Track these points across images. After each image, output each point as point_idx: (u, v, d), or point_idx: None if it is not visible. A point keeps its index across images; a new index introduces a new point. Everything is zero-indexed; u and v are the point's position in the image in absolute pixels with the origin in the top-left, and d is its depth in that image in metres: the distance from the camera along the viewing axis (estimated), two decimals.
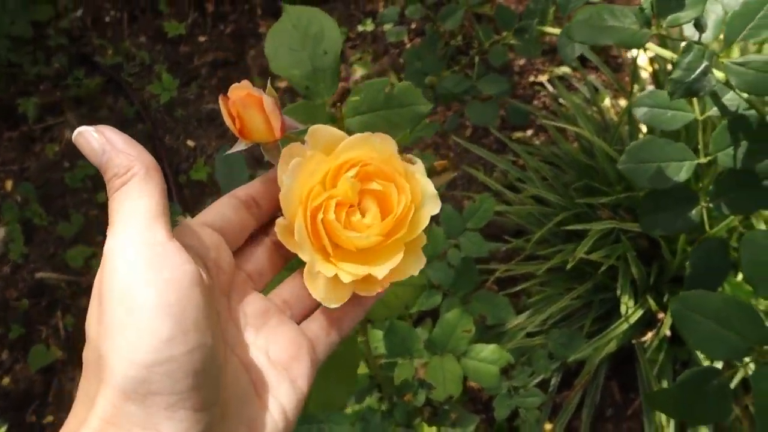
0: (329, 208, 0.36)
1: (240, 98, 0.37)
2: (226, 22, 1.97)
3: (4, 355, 1.50)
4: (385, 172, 0.36)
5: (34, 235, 1.65)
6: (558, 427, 1.16)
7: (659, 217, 0.54)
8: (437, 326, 0.94)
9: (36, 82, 1.88)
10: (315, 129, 0.38)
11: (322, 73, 0.50)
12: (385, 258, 0.36)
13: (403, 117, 0.52)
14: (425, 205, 0.37)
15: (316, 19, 0.51)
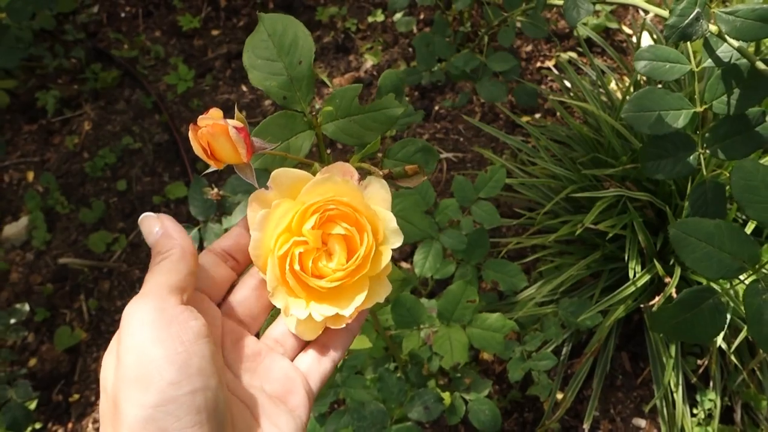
0: (294, 259, 0.40)
1: (208, 128, 0.41)
2: (238, 16, 2.01)
3: (30, 338, 1.55)
4: (348, 214, 0.40)
5: (57, 223, 1.70)
6: (569, 394, 1.19)
7: (660, 163, 0.57)
8: (442, 297, 0.98)
9: (54, 75, 1.93)
10: (277, 174, 0.41)
11: (298, 83, 0.52)
12: (352, 294, 0.40)
13: (376, 120, 0.55)
14: (388, 240, 0.41)
15: (290, 28, 0.53)
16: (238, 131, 0.41)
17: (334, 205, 0.40)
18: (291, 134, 0.54)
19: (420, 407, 0.90)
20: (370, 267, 0.40)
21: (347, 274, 0.40)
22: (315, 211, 0.40)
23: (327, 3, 1.97)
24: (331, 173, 0.42)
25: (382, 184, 0.43)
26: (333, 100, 0.55)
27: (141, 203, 1.70)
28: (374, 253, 0.40)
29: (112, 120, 1.85)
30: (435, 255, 0.97)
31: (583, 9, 0.63)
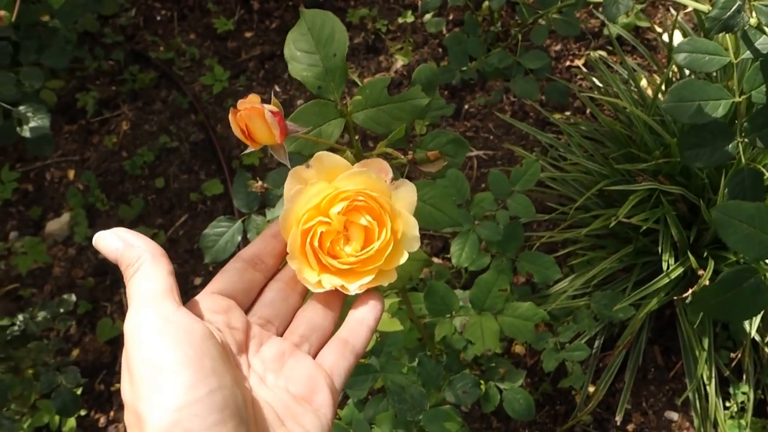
0: (316, 235, 0.43)
1: (245, 111, 0.45)
2: (271, 18, 2.06)
3: (72, 329, 1.60)
4: (373, 209, 0.43)
5: (97, 219, 1.76)
6: (602, 387, 1.21)
7: (699, 152, 0.60)
8: (475, 286, 1.00)
9: (94, 77, 1.99)
10: (320, 156, 0.45)
11: (332, 74, 0.57)
12: (360, 277, 0.43)
13: (403, 110, 0.59)
14: (405, 243, 0.45)
15: (328, 22, 0.58)
16: (273, 114, 0.45)
17: (363, 198, 0.43)
18: (323, 121, 0.57)
19: (458, 391, 0.92)
20: (384, 262, 0.44)
21: (358, 262, 0.43)
22: (345, 198, 0.43)
23: (357, 5, 2.01)
24: (368, 168, 0.45)
25: (411, 189, 0.46)
26: (363, 91, 0.59)
27: (178, 200, 1.75)
28: (391, 250, 0.44)
29: (150, 120, 1.91)
30: (471, 246, 1.00)
31: (623, 5, 0.66)
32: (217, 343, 0.38)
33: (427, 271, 1.52)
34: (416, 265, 0.59)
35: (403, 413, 0.90)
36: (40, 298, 1.67)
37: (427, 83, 0.83)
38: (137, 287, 0.39)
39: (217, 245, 1.01)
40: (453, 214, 0.72)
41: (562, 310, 1.13)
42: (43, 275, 1.70)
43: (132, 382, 0.36)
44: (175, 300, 0.39)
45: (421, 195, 0.73)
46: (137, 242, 0.41)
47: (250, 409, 0.38)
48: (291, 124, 0.51)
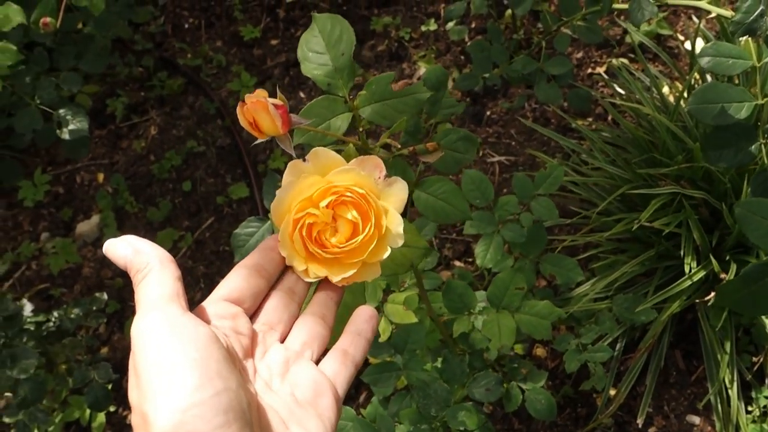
0: (304, 225, 0.46)
1: (251, 104, 0.49)
2: (296, 26, 2.10)
3: (101, 328, 1.64)
4: (360, 205, 0.46)
5: (126, 221, 1.80)
6: (623, 390, 1.22)
7: (723, 152, 0.61)
8: (492, 284, 1.03)
9: (124, 83, 2.04)
10: (317, 151, 0.48)
11: (340, 72, 0.62)
12: (345, 269, 0.47)
13: (406, 104, 0.64)
14: (389, 239, 0.47)
15: (337, 25, 0.63)
16: (276, 108, 0.49)
17: (351, 194, 0.45)
18: (332, 115, 0.62)
19: (482, 388, 0.94)
20: (368, 255, 0.46)
21: (342, 253, 0.46)
22: (334, 192, 0.46)
23: (381, 13, 2.05)
24: (360, 165, 0.48)
25: (403, 186, 0.49)
26: (369, 87, 0.64)
27: (205, 203, 1.79)
28: (375, 245, 0.46)
29: (177, 125, 1.95)
30: (495, 247, 1.02)
31: (647, 11, 0.68)
32: (222, 347, 0.39)
33: (449, 274, 1.54)
34: (416, 253, 0.62)
35: (427, 408, 0.92)
36: (69, 297, 1.71)
37: (436, 82, 0.86)
38: (145, 292, 0.40)
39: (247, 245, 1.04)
40: (463, 208, 0.75)
41: (584, 313, 1.15)
42: (72, 275, 1.75)
43: (138, 384, 0.37)
44: (181, 304, 0.40)
45: (434, 190, 0.76)
46: (146, 249, 0.42)
47: (254, 412, 0.39)
48: (295, 117, 0.55)
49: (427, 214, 0.77)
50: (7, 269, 1.79)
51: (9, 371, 0.96)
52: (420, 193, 0.77)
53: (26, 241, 1.80)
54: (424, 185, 0.76)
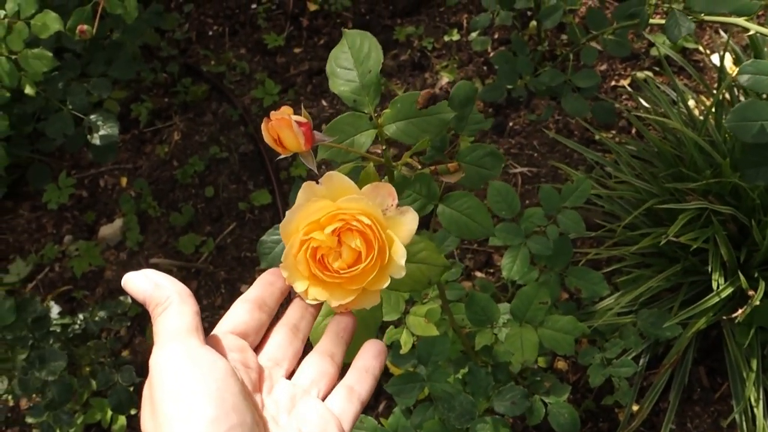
0: (309, 248, 0.46)
1: (276, 121, 0.50)
2: (319, 35, 2.12)
3: (122, 331, 1.65)
4: (366, 234, 0.46)
5: (149, 225, 1.82)
6: (646, 406, 1.21)
7: (761, 170, 0.61)
8: (516, 298, 1.02)
9: (149, 88, 2.07)
10: (331, 175, 0.49)
11: (366, 89, 0.63)
12: (345, 294, 0.47)
13: (431, 123, 0.64)
14: (392, 269, 0.48)
15: (366, 42, 0.64)
16: (299, 125, 0.50)
17: (358, 223, 0.46)
18: (356, 131, 0.63)
19: (507, 402, 0.94)
20: (368, 283, 0.47)
21: (343, 278, 0.47)
22: (341, 219, 0.46)
23: (404, 23, 2.06)
24: (374, 191, 0.49)
25: (413, 218, 0.49)
26: (395, 105, 0.64)
27: (227, 209, 1.80)
28: (375, 274, 0.47)
29: (200, 131, 1.97)
30: (522, 260, 1.02)
31: (684, 27, 0.68)
32: (239, 381, 0.39)
33: (470, 284, 1.54)
34: (435, 270, 0.62)
35: (452, 421, 0.92)
36: (91, 300, 1.73)
37: (465, 99, 0.87)
38: (164, 325, 0.41)
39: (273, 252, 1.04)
40: (487, 224, 0.75)
41: (608, 327, 1.14)
42: (95, 278, 1.77)
43: (154, 413, 0.37)
44: (199, 338, 0.41)
45: (458, 205, 0.76)
46: (166, 283, 0.43)
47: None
48: (318, 134, 0.56)
49: (450, 229, 0.77)
50: (30, 271, 1.81)
51: (37, 373, 0.97)
52: (444, 208, 0.77)
53: (50, 244, 1.82)
54: (449, 200, 0.77)
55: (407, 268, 0.62)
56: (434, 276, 0.68)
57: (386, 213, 0.49)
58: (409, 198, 0.80)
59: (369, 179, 0.61)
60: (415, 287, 0.66)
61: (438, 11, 2.06)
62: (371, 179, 0.61)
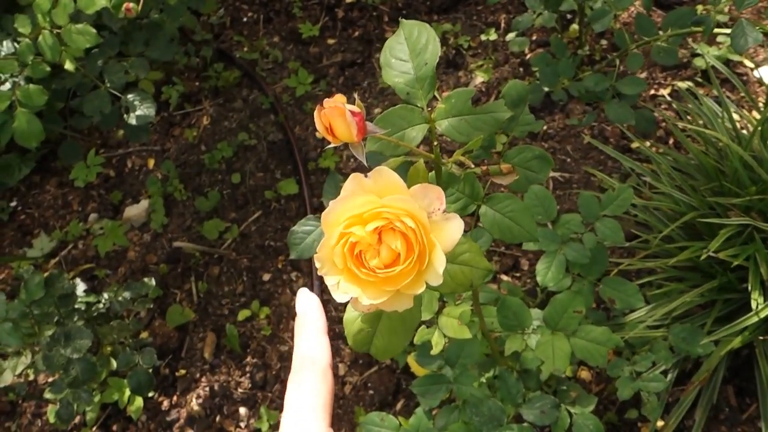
0: (347, 242, 0.45)
1: (329, 109, 0.49)
2: (354, 27, 2.10)
3: (142, 313, 1.65)
4: (407, 236, 0.45)
5: (174, 208, 1.82)
6: (671, 422, 1.18)
7: None
8: (549, 305, 1.00)
9: (181, 71, 2.06)
10: (381, 170, 0.47)
11: (421, 81, 0.61)
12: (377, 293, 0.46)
13: (485, 122, 0.62)
14: (429, 275, 0.46)
15: (424, 33, 0.61)
16: (353, 115, 0.49)
17: (401, 224, 0.44)
18: (408, 125, 0.61)
19: (537, 410, 0.92)
20: (404, 286, 0.45)
21: (377, 279, 0.45)
22: (385, 218, 0.45)
23: (441, 20, 2.03)
24: (423, 191, 0.47)
25: (458, 226, 0.47)
26: (449, 100, 0.62)
27: (253, 196, 1.79)
28: (412, 278, 0.45)
29: (229, 117, 1.96)
30: (558, 266, 1.00)
31: (751, 37, 0.66)
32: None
33: (495, 287, 1.52)
34: (478, 273, 0.60)
35: (480, 426, 0.90)
36: (113, 279, 1.73)
37: (517, 98, 0.84)
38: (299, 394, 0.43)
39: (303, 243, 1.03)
40: (531, 228, 0.73)
41: (638, 340, 1.12)
42: (117, 258, 1.77)
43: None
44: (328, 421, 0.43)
45: (501, 208, 0.74)
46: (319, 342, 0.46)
47: None
48: (370, 125, 0.55)
49: (492, 232, 0.75)
50: (53, 247, 1.82)
51: (63, 350, 0.97)
52: (487, 209, 0.75)
53: (74, 221, 1.83)
54: (493, 201, 0.75)
55: (450, 270, 0.61)
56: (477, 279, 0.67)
57: (431, 216, 0.48)
58: (452, 196, 0.78)
59: (418, 177, 0.60)
60: (456, 289, 0.64)
61: (476, 9, 2.04)
62: (421, 177, 0.59)
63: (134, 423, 1.49)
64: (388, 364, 1.50)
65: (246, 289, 1.67)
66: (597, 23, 1.03)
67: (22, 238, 1.85)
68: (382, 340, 0.57)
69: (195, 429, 1.48)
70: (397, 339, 0.62)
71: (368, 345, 0.57)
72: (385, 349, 0.58)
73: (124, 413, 1.48)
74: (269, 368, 1.54)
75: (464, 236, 0.58)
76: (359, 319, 0.57)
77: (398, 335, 0.61)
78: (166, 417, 1.49)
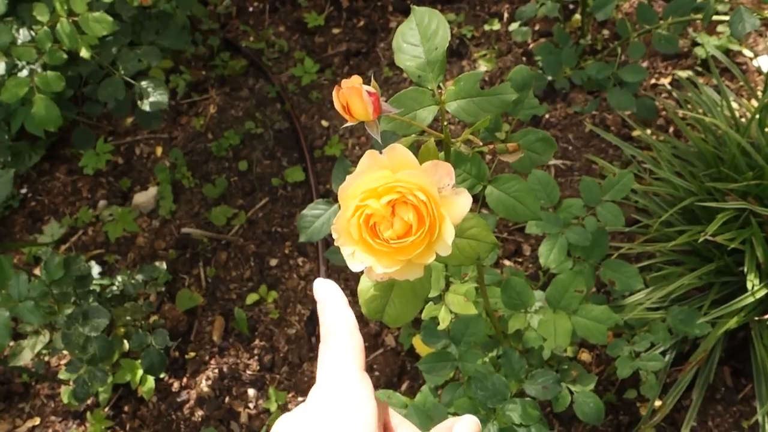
0: (362, 214, 0.48)
1: (347, 89, 0.53)
2: (359, 16, 2.12)
3: (152, 297, 1.68)
4: (419, 209, 0.48)
5: (182, 195, 1.85)
6: (669, 402, 1.22)
7: None
8: (551, 285, 1.04)
9: (188, 60, 2.09)
10: (394, 146, 0.50)
11: (432, 65, 0.64)
12: (390, 263, 0.49)
13: (492, 104, 0.65)
14: (438, 246, 0.49)
15: (434, 19, 0.65)
16: (369, 95, 0.53)
17: (414, 197, 0.48)
18: (419, 106, 0.65)
19: (539, 386, 0.96)
20: (416, 256, 0.49)
21: (390, 249, 0.48)
22: (398, 192, 0.48)
23: (445, 10, 2.06)
24: (433, 168, 0.50)
25: (467, 200, 0.51)
26: (458, 83, 0.66)
27: (260, 183, 1.82)
28: (423, 248, 0.49)
29: (236, 105, 1.99)
30: (560, 249, 1.03)
31: (749, 23, 0.68)
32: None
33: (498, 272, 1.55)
34: (484, 247, 0.64)
35: (484, 400, 0.94)
36: (123, 264, 1.76)
37: (522, 83, 0.88)
38: (330, 356, 0.44)
39: (313, 226, 1.07)
40: (534, 208, 0.77)
41: (638, 321, 1.15)
42: (127, 244, 1.80)
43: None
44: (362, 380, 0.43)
45: (507, 187, 0.78)
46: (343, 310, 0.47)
47: None
48: (385, 105, 0.58)
49: (497, 211, 0.78)
50: (63, 233, 1.85)
51: (81, 328, 1.00)
52: (493, 189, 0.78)
53: (84, 207, 1.86)
54: (498, 182, 0.78)
55: (458, 243, 0.64)
56: (483, 252, 0.70)
57: (442, 191, 0.51)
58: (460, 177, 0.82)
59: (429, 155, 0.63)
60: (464, 262, 0.67)
61: (479, 0, 2.06)
62: (431, 155, 0.63)
63: (145, 404, 1.52)
64: (393, 346, 1.54)
65: (253, 274, 1.70)
66: (599, 12, 1.05)
67: (32, 225, 1.89)
68: (394, 309, 0.61)
69: (204, 410, 1.52)
70: (408, 308, 0.65)
71: (381, 313, 0.61)
72: (397, 317, 0.61)
73: (136, 394, 1.52)
74: (277, 351, 1.58)
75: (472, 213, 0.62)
76: (372, 288, 0.60)
77: (409, 304, 0.65)
78: (176, 398, 1.53)
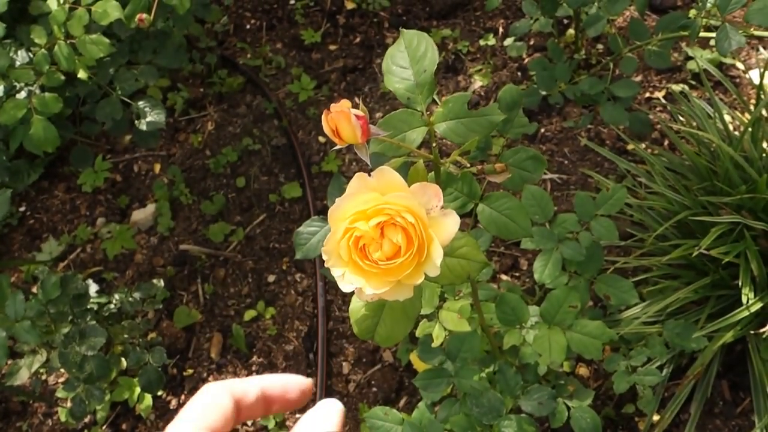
0: (352, 236, 0.49)
1: (336, 113, 0.54)
2: (355, 33, 2.14)
3: (150, 314, 1.69)
4: (407, 231, 0.49)
5: (180, 212, 1.85)
6: (667, 416, 1.22)
7: None
8: (546, 300, 1.04)
9: (185, 78, 2.10)
10: (383, 170, 0.51)
11: (421, 87, 0.66)
12: (379, 284, 0.50)
13: (480, 124, 0.66)
14: (427, 266, 0.50)
15: (423, 42, 0.66)
16: (357, 118, 0.54)
17: (402, 219, 0.49)
18: (408, 128, 0.66)
19: (534, 402, 0.96)
20: (405, 276, 0.50)
21: (380, 270, 0.49)
22: (387, 214, 0.49)
23: (440, 25, 2.08)
24: (421, 189, 0.51)
25: (455, 221, 0.52)
26: (446, 104, 0.67)
27: (257, 200, 1.83)
28: (412, 269, 0.49)
29: (234, 122, 2.00)
30: (554, 264, 1.03)
31: (735, 40, 0.69)
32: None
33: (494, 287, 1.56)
34: (474, 266, 0.64)
35: (480, 417, 0.94)
36: (121, 282, 1.77)
37: (511, 102, 0.89)
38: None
39: (308, 243, 1.07)
40: (526, 225, 0.77)
41: (634, 335, 1.15)
42: (125, 261, 1.80)
43: None
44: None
45: (498, 205, 0.79)
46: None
47: None
48: (373, 128, 0.59)
49: (489, 228, 0.79)
50: (62, 251, 1.85)
51: (78, 347, 1.00)
52: (484, 207, 0.79)
53: (82, 225, 1.87)
54: (490, 199, 0.79)
55: (448, 262, 0.65)
56: (473, 271, 0.71)
57: (430, 213, 0.52)
58: (451, 195, 0.82)
59: (418, 176, 0.64)
60: (454, 281, 0.68)
61: (474, 15, 2.08)
62: (420, 176, 0.63)
63: (143, 421, 1.52)
64: (391, 362, 1.53)
65: (251, 290, 1.70)
66: (590, 29, 1.06)
67: (31, 243, 1.89)
68: (385, 328, 0.61)
69: None
70: (399, 327, 0.65)
71: (372, 333, 0.61)
72: (388, 336, 0.62)
73: (134, 412, 1.52)
74: (275, 367, 1.58)
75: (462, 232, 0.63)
76: (363, 308, 0.61)
77: (400, 324, 0.65)
78: (174, 415, 1.53)
